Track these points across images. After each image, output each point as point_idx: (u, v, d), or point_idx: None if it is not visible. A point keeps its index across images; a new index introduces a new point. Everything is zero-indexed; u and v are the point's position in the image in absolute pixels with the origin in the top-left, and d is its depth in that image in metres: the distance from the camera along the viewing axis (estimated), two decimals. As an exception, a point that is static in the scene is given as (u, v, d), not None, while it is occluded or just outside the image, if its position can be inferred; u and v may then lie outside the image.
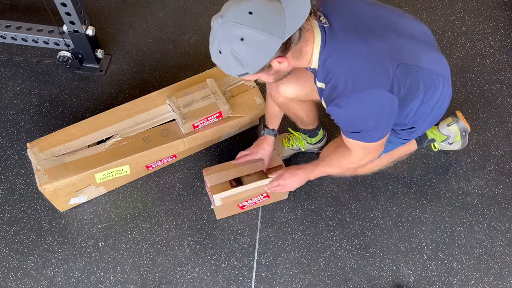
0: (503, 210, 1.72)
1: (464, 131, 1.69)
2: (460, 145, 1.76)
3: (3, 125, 1.86)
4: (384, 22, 1.17)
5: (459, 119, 1.68)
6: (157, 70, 2.05)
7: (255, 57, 1.03)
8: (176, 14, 2.26)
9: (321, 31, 1.09)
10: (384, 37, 1.13)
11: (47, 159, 1.54)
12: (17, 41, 1.98)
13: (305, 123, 1.67)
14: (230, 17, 1.00)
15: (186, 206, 1.71)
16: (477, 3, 2.33)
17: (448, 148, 1.80)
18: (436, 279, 1.58)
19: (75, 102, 1.94)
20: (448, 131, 1.70)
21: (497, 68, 2.09)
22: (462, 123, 1.68)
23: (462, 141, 1.73)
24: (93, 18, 2.19)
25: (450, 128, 1.69)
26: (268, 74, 1.14)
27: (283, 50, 1.04)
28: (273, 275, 1.58)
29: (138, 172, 1.72)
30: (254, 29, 0.98)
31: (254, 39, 0.99)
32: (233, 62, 1.04)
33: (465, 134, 1.70)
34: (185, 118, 1.62)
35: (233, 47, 1.01)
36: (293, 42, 1.04)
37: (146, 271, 1.57)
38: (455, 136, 1.71)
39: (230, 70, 1.08)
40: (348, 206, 1.72)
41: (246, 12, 0.99)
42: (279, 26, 1.00)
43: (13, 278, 1.55)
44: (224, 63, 1.07)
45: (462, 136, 1.71)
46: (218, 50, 1.05)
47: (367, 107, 1.12)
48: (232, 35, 1.00)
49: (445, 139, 1.72)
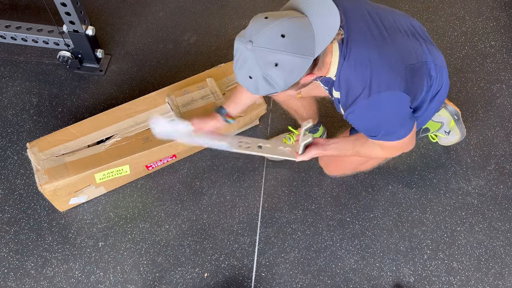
0: (503, 210, 1.71)
1: (455, 114, 1.69)
2: (459, 134, 1.75)
3: (3, 125, 1.86)
4: (389, 24, 1.18)
5: (446, 104, 1.69)
6: (157, 70, 2.05)
7: (288, 79, 1.00)
8: (176, 14, 2.25)
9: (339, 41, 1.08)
10: (393, 39, 1.14)
11: (47, 159, 1.54)
12: (17, 41, 1.98)
13: (306, 119, 1.67)
14: (262, 42, 0.95)
15: (186, 206, 1.71)
16: (477, 3, 2.33)
17: (449, 142, 1.80)
18: (436, 279, 1.57)
19: (75, 102, 1.94)
20: (439, 117, 1.70)
21: (497, 68, 2.09)
22: (450, 106, 1.69)
23: (459, 127, 1.73)
24: (93, 18, 2.19)
25: (440, 113, 1.69)
26: (294, 89, 1.11)
27: (313, 67, 1.02)
28: (273, 275, 1.58)
29: (138, 172, 1.72)
30: (289, 54, 0.95)
31: (289, 63, 0.96)
32: (265, 86, 1.01)
33: (457, 118, 1.70)
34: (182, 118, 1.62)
35: (267, 72, 0.97)
36: (321, 56, 1.03)
37: (146, 271, 1.57)
38: (448, 122, 1.71)
39: (259, 91, 1.04)
40: (348, 206, 1.72)
41: (279, 36, 0.94)
42: (310, 44, 0.97)
43: (13, 278, 1.54)
44: (254, 86, 1.03)
45: (455, 121, 1.71)
46: (248, 76, 1.00)
47: (385, 110, 1.12)
48: (266, 61, 0.96)
49: (440, 127, 1.72)
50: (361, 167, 1.62)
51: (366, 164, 1.59)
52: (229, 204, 1.71)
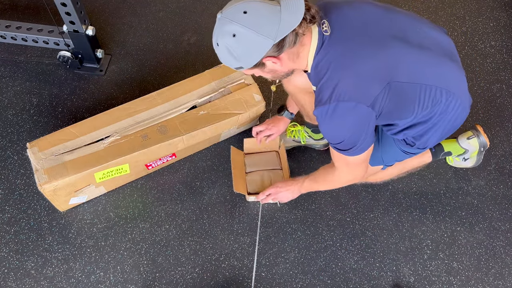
0: (503, 210, 1.71)
1: (483, 146, 1.66)
2: (474, 162, 1.73)
3: (3, 125, 1.86)
4: (391, 30, 1.16)
5: (480, 134, 1.65)
6: (157, 70, 2.05)
7: (246, 53, 1.10)
8: (176, 14, 2.26)
9: (319, 38, 1.14)
10: (384, 48, 1.13)
11: (46, 159, 1.54)
12: (17, 41, 1.98)
13: (311, 117, 1.67)
14: (227, 13, 1.08)
15: (186, 206, 1.71)
16: (477, 3, 2.33)
17: (461, 165, 1.78)
18: (436, 279, 1.57)
19: (75, 102, 1.94)
20: (468, 145, 1.66)
21: (497, 68, 2.09)
22: (483, 137, 1.64)
23: (478, 157, 1.71)
24: (93, 18, 2.20)
25: (470, 141, 1.66)
26: (263, 71, 1.19)
27: (276, 51, 1.10)
28: (273, 275, 1.58)
29: (138, 171, 1.72)
30: (244, 27, 1.05)
31: (244, 36, 1.06)
32: (228, 55, 1.11)
33: (483, 150, 1.67)
34: None
35: (226, 41, 1.08)
36: (287, 45, 1.10)
37: (146, 271, 1.57)
38: (473, 151, 1.68)
39: (227, 62, 1.15)
40: (348, 206, 1.72)
41: (241, 11, 1.06)
42: (272, 27, 1.06)
43: (13, 278, 1.54)
44: (221, 55, 1.14)
45: (479, 152, 1.69)
46: (216, 43, 1.12)
47: (345, 118, 1.15)
48: (226, 30, 1.07)
49: (462, 153, 1.70)
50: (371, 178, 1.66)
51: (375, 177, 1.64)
52: (229, 204, 1.71)
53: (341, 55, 1.13)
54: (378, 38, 1.14)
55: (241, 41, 1.07)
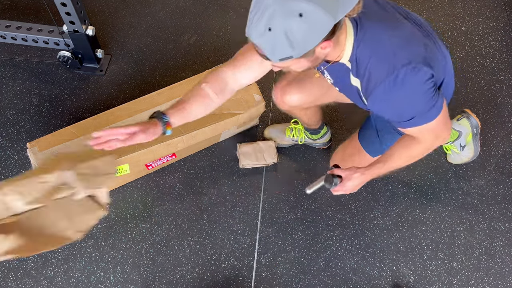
0: (503, 210, 1.72)
1: (475, 127, 1.69)
2: (472, 152, 1.74)
3: (3, 125, 1.86)
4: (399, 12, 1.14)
5: (469, 114, 1.69)
6: (157, 70, 2.05)
7: (308, 37, 0.90)
8: (176, 14, 2.26)
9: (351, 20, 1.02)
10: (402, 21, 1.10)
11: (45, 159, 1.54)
12: (17, 41, 1.98)
13: (309, 125, 1.72)
14: None
15: (186, 206, 1.71)
16: (477, 3, 2.33)
17: (460, 160, 1.78)
18: (436, 279, 1.58)
19: (75, 102, 1.94)
20: (459, 126, 1.70)
21: (497, 68, 2.09)
22: (473, 118, 1.69)
23: (474, 144, 1.72)
24: (93, 18, 2.20)
25: (461, 122, 1.69)
26: (308, 61, 1.00)
27: (331, 34, 0.93)
28: (273, 275, 1.58)
29: (138, 171, 1.72)
30: (314, 4, 0.85)
31: (313, 15, 0.86)
32: (283, 42, 0.89)
33: (476, 132, 1.70)
34: None
35: (289, 23, 0.86)
36: (340, 26, 0.94)
37: (146, 271, 1.57)
38: (467, 133, 1.70)
39: (275, 51, 0.92)
40: (348, 206, 1.72)
41: None
42: (334, 4, 0.88)
43: (13, 278, 1.54)
44: (271, 43, 0.90)
45: (473, 135, 1.71)
46: (267, 27, 0.88)
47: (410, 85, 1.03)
48: (290, 9, 0.85)
49: (457, 137, 1.71)
50: None
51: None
52: (229, 204, 1.71)
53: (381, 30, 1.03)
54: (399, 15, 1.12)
55: (308, 22, 0.87)
